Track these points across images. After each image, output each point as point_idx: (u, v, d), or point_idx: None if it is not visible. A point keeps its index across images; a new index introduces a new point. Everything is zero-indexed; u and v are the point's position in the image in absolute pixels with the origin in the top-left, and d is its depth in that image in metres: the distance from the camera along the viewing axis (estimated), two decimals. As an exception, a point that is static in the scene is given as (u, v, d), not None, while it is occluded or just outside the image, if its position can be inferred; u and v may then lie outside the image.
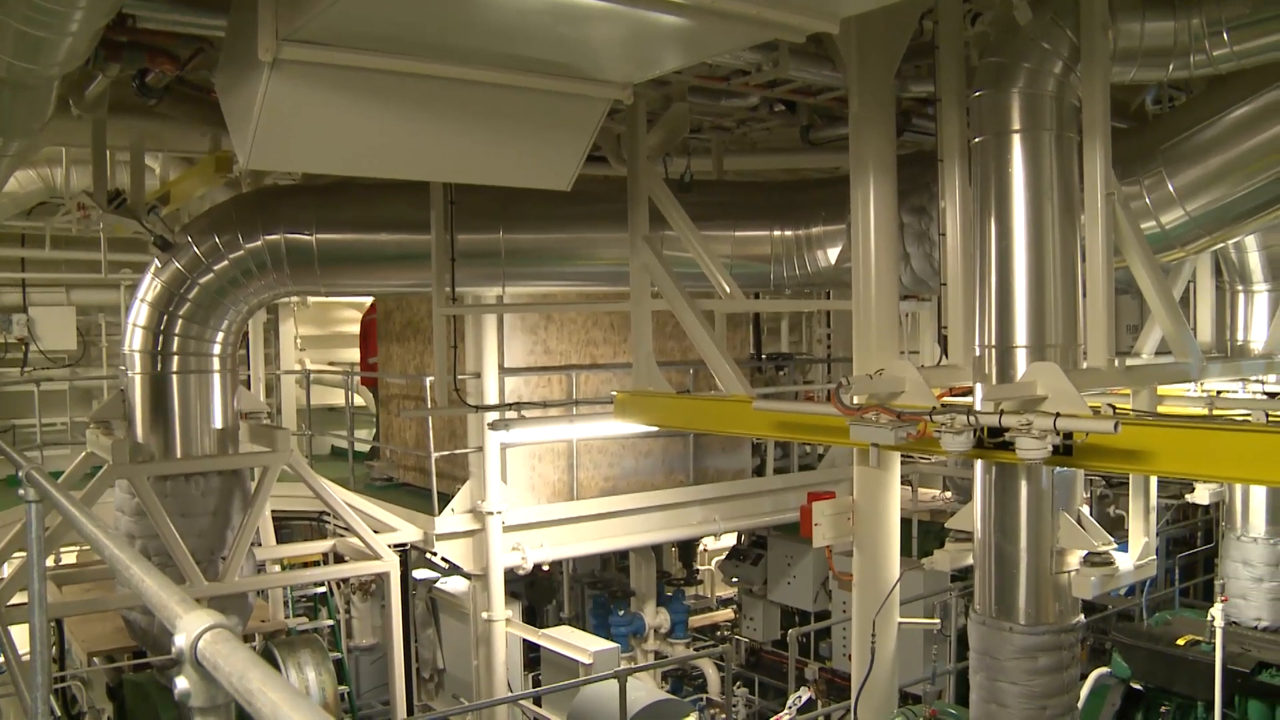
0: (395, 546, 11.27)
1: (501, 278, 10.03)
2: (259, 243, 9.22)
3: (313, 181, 10.60)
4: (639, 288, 9.12)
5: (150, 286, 9.28)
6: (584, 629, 13.95)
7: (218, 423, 9.53)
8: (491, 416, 10.87)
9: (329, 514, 12.08)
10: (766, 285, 10.21)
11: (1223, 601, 8.47)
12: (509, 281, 10.23)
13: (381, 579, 11.19)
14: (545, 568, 14.54)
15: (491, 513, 12.02)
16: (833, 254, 9.62)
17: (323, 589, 13.15)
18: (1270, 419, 8.07)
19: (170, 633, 2.11)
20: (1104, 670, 9.82)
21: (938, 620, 11.15)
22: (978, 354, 6.81)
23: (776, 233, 9.88)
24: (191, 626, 2.04)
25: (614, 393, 9.50)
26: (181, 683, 2.09)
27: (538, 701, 12.14)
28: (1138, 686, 9.54)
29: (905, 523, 13.29)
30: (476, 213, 9.55)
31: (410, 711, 11.53)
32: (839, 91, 9.17)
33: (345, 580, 13.95)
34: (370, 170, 6.93)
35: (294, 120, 5.53)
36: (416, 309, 13.61)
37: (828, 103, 9.80)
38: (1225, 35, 6.46)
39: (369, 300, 16.71)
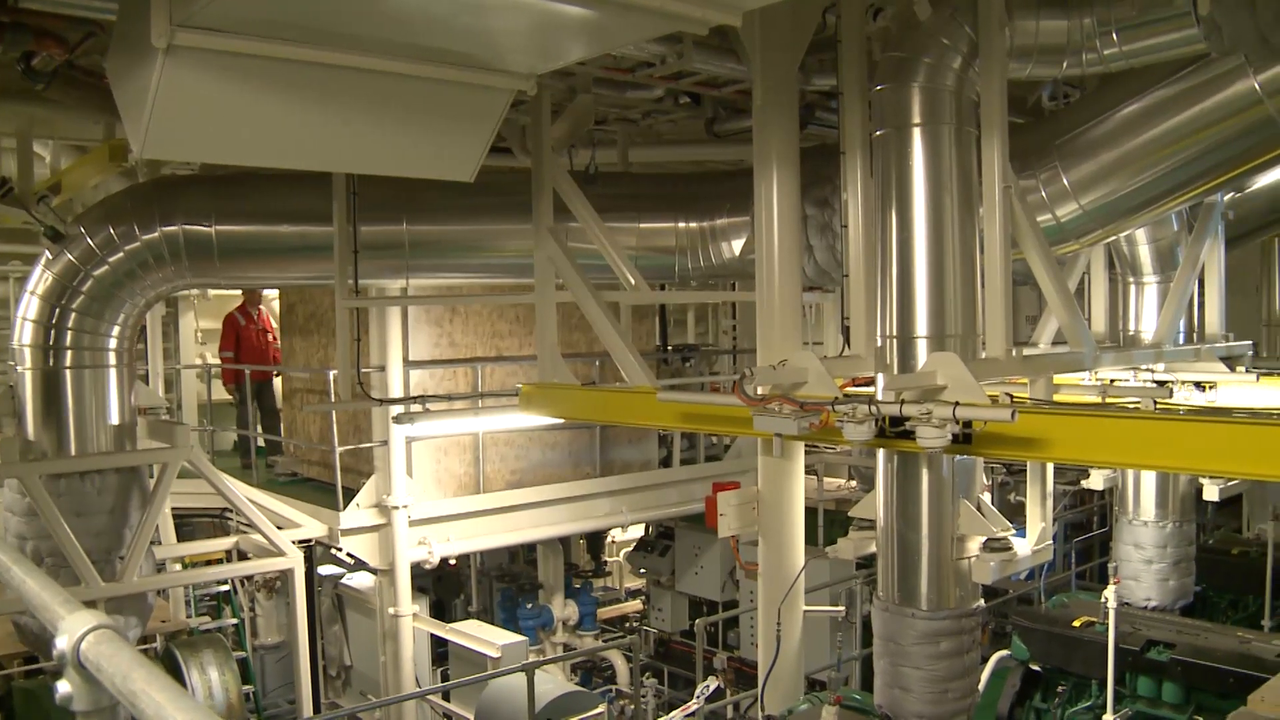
0: (300, 543, 11.10)
1: (405, 270, 9.94)
2: (156, 234, 9.01)
3: (212, 171, 10.38)
4: (543, 280, 9.10)
5: (41, 279, 9.00)
6: (492, 622, 13.90)
7: (114, 419, 9.29)
8: (396, 410, 10.77)
9: (231, 511, 11.86)
10: (671, 277, 10.26)
11: (1115, 583, 8.69)
12: (413, 274, 10.14)
13: (286, 576, 11.02)
14: (452, 562, 14.46)
15: (397, 507, 11.91)
16: (737, 246, 9.69)
17: (226, 587, 12.92)
18: (1159, 406, 8.30)
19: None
20: (1004, 653, 10.01)
21: (843, 608, 11.31)
22: (879, 344, 6.91)
23: (681, 224, 9.92)
24: (74, 628, 1.98)
25: (519, 385, 9.47)
26: (63, 686, 2.03)
27: (446, 696, 12.07)
28: (1036, 668, 9.75)
29: (811, 512, 13.48)
30: (379, 204, 9.45)
31: (317, 710, 11.38)
32: (743, 84, 9.23)
33: (249, 578, 13.72)
34: (270, 160, 6.81)
35: (190, 109, 5.40)
36: (320, 302, 13.41)
37: (732, 95, 9.87)
38: (1115, 35, 6.61)
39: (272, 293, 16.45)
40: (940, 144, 6.69)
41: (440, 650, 13.30)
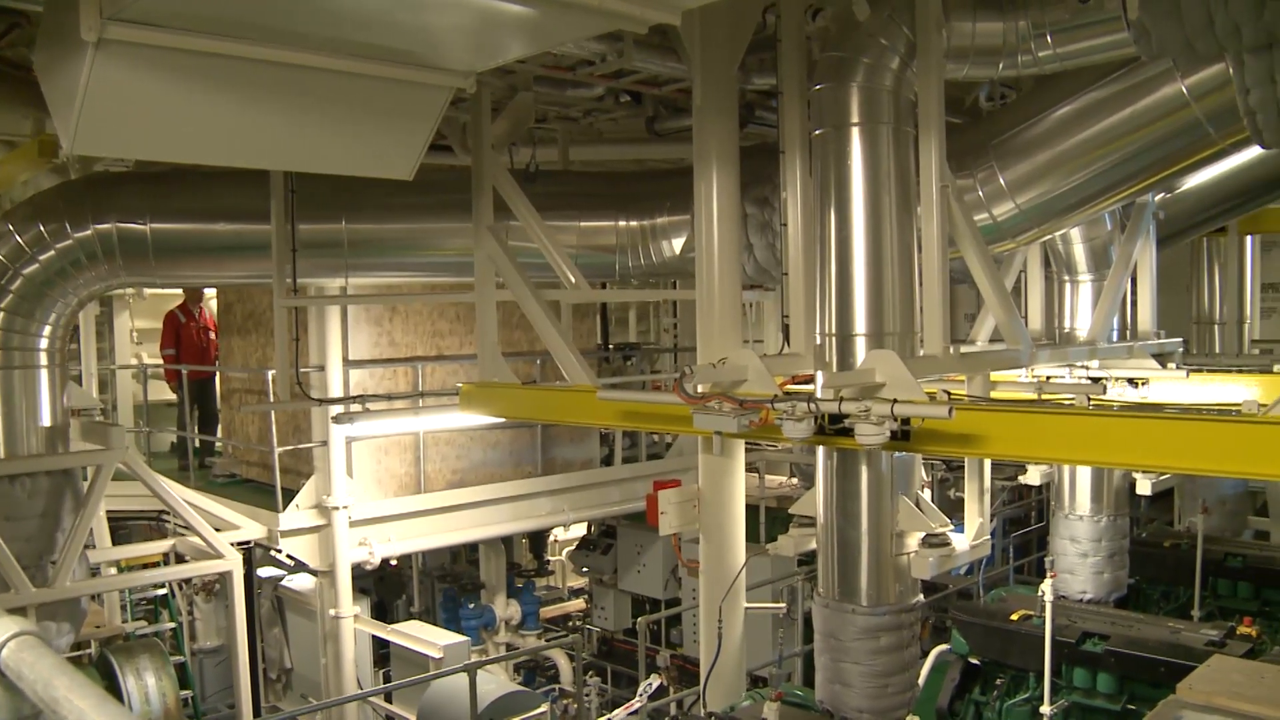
0: (238, 545, 10.98)
1: (345, 269, 9.84)
2: (89, 232, 8.85)
3: (147, 168, 10.22)
4: (483, 278, 9.06)
5: (-33, 278, 8.82)
6: (434, 623, 13.81)
7: (45, 420, 9.10)
8: (336, 410, 10.68)
9: (168, 513, 11.69)
10: (612, 275, 10.25)
11: (1052, 577, 8.81)
12: (352, 272, 10.04)
13: (224, 578, 10.88)
14: (394, 562, 14.36)
15: (337, 507, 11.80)
16: (677, 244, 9.71)
17: (163, 591, 12.72)
18: (1093, 403, 8.43)
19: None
20: (944, 647, 10.13)
21: (784, 604, 11.36)
22: (818, 342, 6.96)
23: (622, 223, 9.92)
24: (-5, 634, 1.94)
25: (460, 385, 9.42)
26: (-17, 695, 1.98)
27: (388, 698, 11.98)
28: (975, 661, 9.87)
29: (753, 509, 13.52)
30: (318, 202, 9.35)
31: (257, 713, 11.26)
32: (684, 83, 9.25)
33: (187, 581, 13.53)
34: (205, 158, 6.70)
35: (122, 104, 5.31)
36: (258, 301, 13.26)
37: (673, 94, 9.89)
38: (1049, 38, 6.71)
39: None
40: (878, 143, 6.76)
41: (382, 651, 13.20)
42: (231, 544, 10.72)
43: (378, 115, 6.29)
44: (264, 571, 13.48)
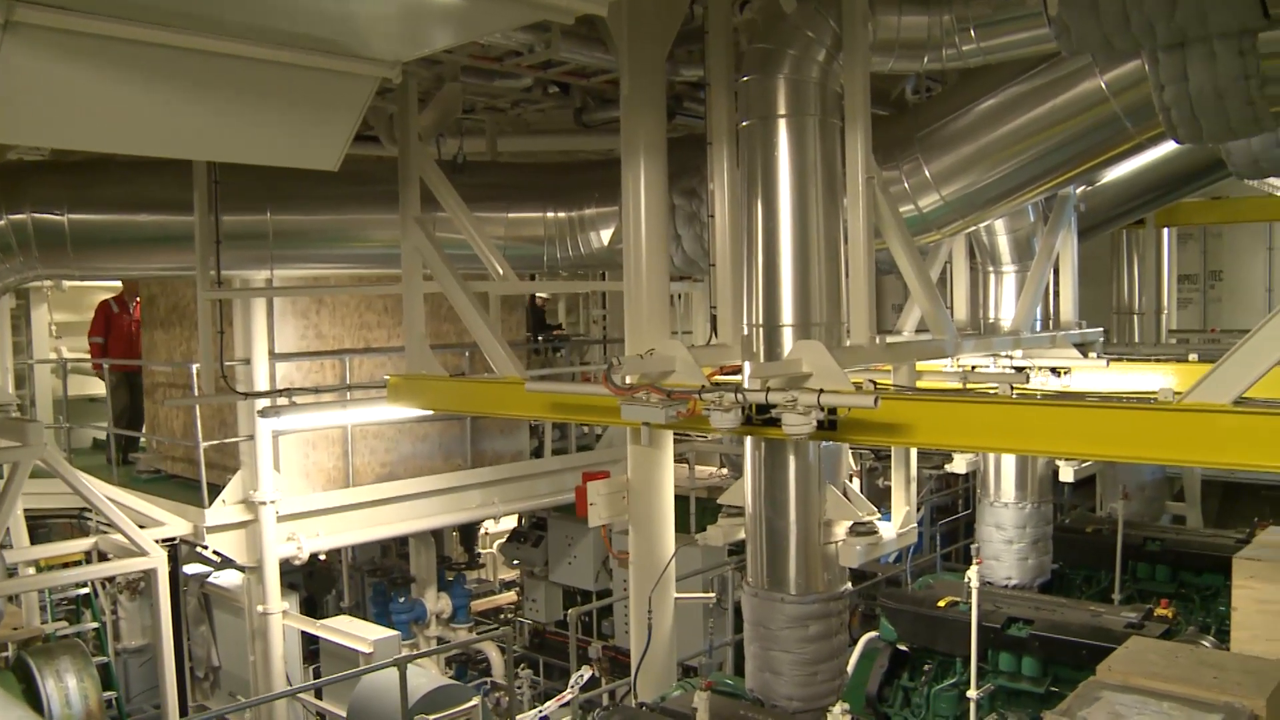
0: (163, 541, 10.79)
1: (270, 260, 9.73)
2: (2, 223, 8.65)
3: (65, 157, 9.99)
4: (410, 270, 8.99)
5: (-125, 270, 8.58)
6: (365, 618, 13.69)
7: (-42, 417, 8.90)
8: (262, 403, 10.53)
9: (90, 510, 11.46)
10: (540, 267, 10.23)
11: (978, 564, 8.92)
12: (278, 264, 9.92)
13: (149, 576, 10.70)
14: (323, 557, 14.20)
15: (264, 502, 11.64)
16: (605, 235, 9.72)
17: (86, 590, 12.47)
18: (1016, 392, 8.55)
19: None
20: (873, 634, 10.23)
21: (714, 594, 11.42)
22: (746, 333, 6.99)
23: (550, 214, 9.90)
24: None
25: (387, 377, 9.35)
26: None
27: (318, 694, 11.85)
28: (904, 648, 9.99)
29: (683, 500, 13.57)
30: (243, 193, 9.22)
31: (184, 713, 11.07)
32: (612, 74, 9.25)
33: (110, 580, 13.28)
34: (123, 146, 6.58)
35: (34, 91, 5.17)
36: (182, 294, 13.02)
37: (601, 85, 9.87)
38: (972, 32, 6.79)
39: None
40: (805, 135, 6.80)
41: (312, 648, 13.04)
42: (156, 541, 10.53)
43: (302, 105, 6.20)
44: (190, 568, 13.26)
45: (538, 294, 16.77)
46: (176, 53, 5.30)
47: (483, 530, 17.73)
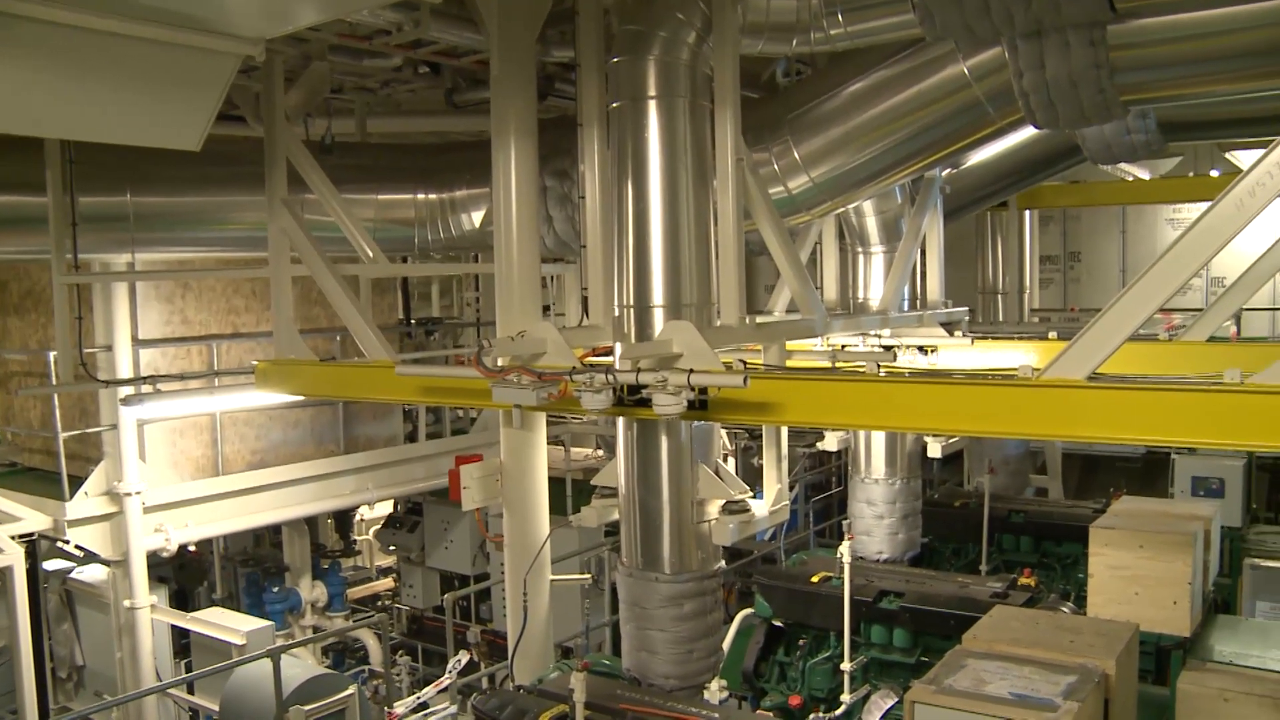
0: (20, 537, 10.39)
1: (131, 243, 9.42)
2: None
3: (-96, 135, 9.55)
4: (278, 253, 8.82)
5: None
6: (238, 609, 13.41)
7: None
8: (125, 391, 10.22)
9: (-62, 507, 11.00)
10: (412, 249, 10.11)
11: (849, 539, 9.12)
12: (140, 247, 9.61)
13: (4, 574, 10.30)
14: (192, 548, 13.87)
15: (130, 494, 11.29)
16: (477, 217, 9.65)
17: (-68, 591, 11.96)
18: (884, 370, 8.72)
19: None
20: (749, 611, 10.37)
21: (589, 575, 11.45)
22: (617, 314, 7.01)
23: (420, 196, 9.79)
24: None
25: (255, 362, 9.16)
26: None
27: (190, 689, 11.55)
28: (779, 624, 10.15)
29: (559, 482, 13.55)
30: (101, 174, 8.92)
31: (44, 715, 10.70)
32: (483, 54, 9.15)
33: (-39, 579, 12.75)
34: (-32, 124, 6.29)
35: None
36: (37, 278, 12.53)
37: (472, 65, 9.78)
38: (840, 15, 6.89)
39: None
40: (675, 117, 6.82)
41: (183, 642, 12.71)
42: (12, 537, 10.15)
43: (161, 82, 6.00)
44: (50, 564, 12.81)
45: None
46: (27, 24, 5.09)
47: (358, 517, 17.52)
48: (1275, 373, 4.96)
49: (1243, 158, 14.25)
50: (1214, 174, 15.50)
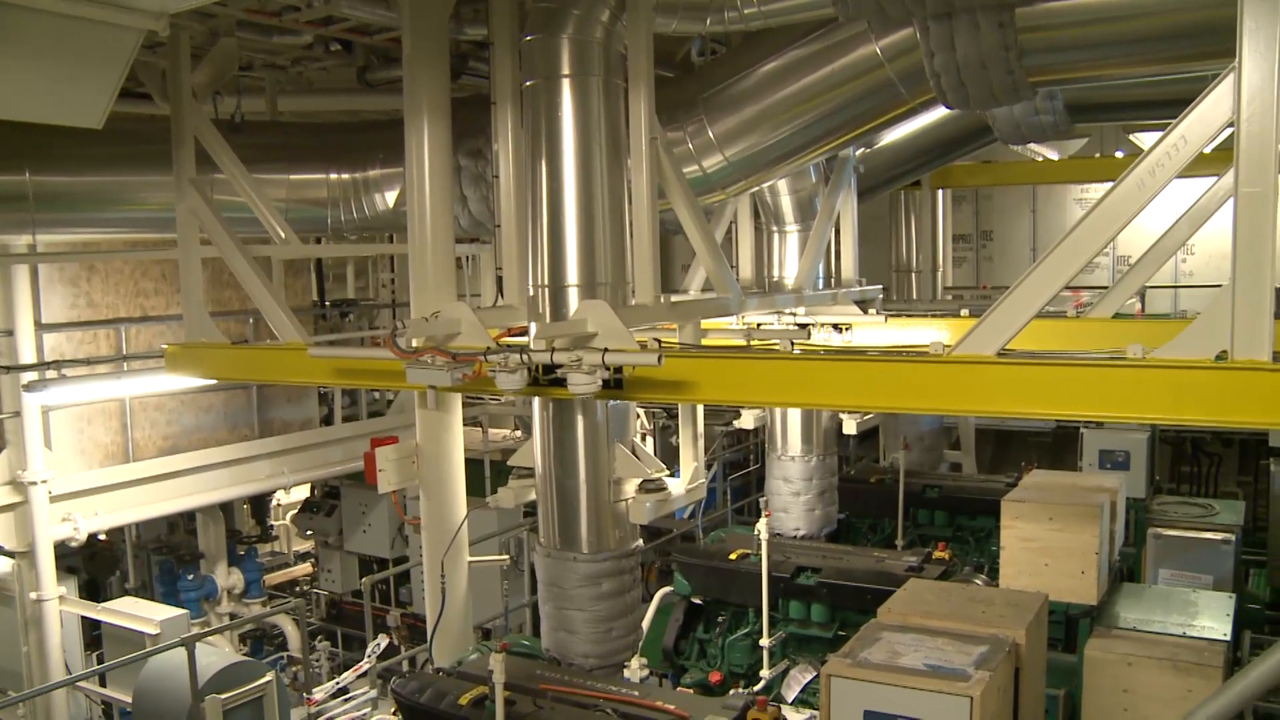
0: (-83, 530, 10.12)
1: (32, 225, 9.14)
2: None
3: None
4: (186, 234, 8.66)
5: None
6: (152, 598, 13.17)
7: None
8: (28, 377, 9.97)
9: None
10: (325, 230, 9.97)
11: (767, 516, 9.21)
12: (41, 229, 9.33)
13: (-102, 571, 10.02)
14: (103, 537, 13.58)
15: (35, 482, 11.02)
16: (391, 197, 9.54)
17: None
18: (799, 348, 8.80)
19: None
20: (668, 589, 10.43)
21: (507, 556, 11.43)
22: (532, 294, 6.98)
23: (333, 176, 9.65)
24: None
25: (164, 346, 8.99)
26: None
27: (101, 681, 11.33)
28: (698, 601, 10.22)
29: (477, 463, 13.51)
30: (-2, 151, 8.66)
31: (-58, 717, 10.44)
32: (396, 32, 9.03)
33: None
34: None
35: None
36: (-68, 262, 12.19)
37: (384, 43, 9.67)
38: (753, -6, 6.91)
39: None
40: (589, 95, 6.79)
41: (95, 634, 12.46)
42: (-91, 530, 9.87)
43: (60, 57, 5.84)
44: (-49, 557, 12.48)
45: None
46: (-83, -2, 4.93)
47: (275, 502, 17.30)
48: (1175, 348, 5.09)
49: (1145, 140, 14.60)
50: (1119, 155, 15.83)
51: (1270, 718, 7.47)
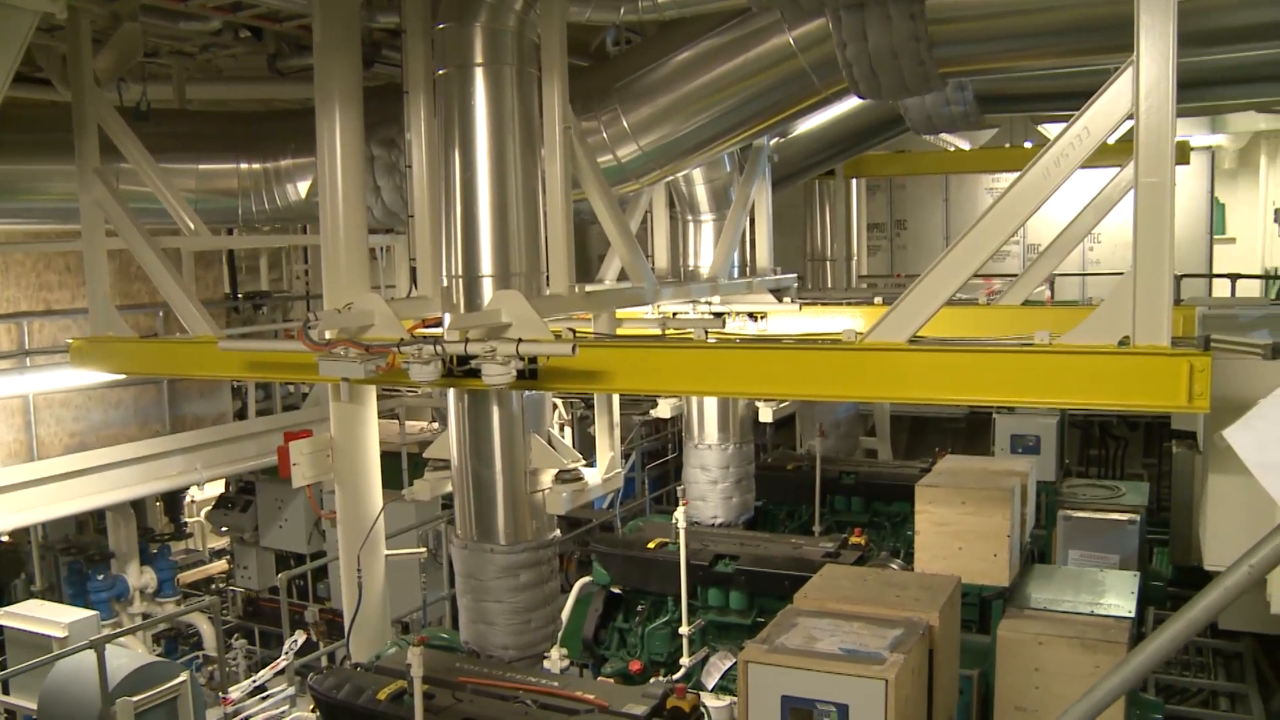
0: None
1: (-76, 215, 8.92)
2: None
3: None
4: (91, 225, 8.47)
5: None
6: (61, 600, 12.87)
7: None
8: (-75, 374, 9.68)
9: None
10: (236, 220, 9.81)
11: (684, 504, 9.23)
12: (-65, 220, 9.11)
13: None
14: (6, 538, 13.25)
15: (-67, 482, 10.74)
16: (303, 187, 9.41)
17: None
18: (714, 336, 8.85)
19: None
20: (587, 579, 10.42)
21: (425, 549, 11.36)
22: (446, 284, 6.94)
23: (244, 165, 9.50)
24: None
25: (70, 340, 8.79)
26: None
27: (4, 689, 11.05)
28: (618, 590, 10.23)
29: (394, 456, 13.39)
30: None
31: None
32: (307, 19, 8.91)
33: None
34: None
35: None
36: None
37: (295, 30, 9.52)
38: (666, -17, 6.93)
39: None
40: (502, 84, 6.77)
41: (-1, 639, 12.16)
42: None
43: (-52, 39, 5.70)
44: None
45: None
46: None
47: (188, 498, 16.98)
48: (1080, 334, 5.21)
49: (1053, 130, 14.85)
50: (1027, 145, 16.14)
51: (1167, 688, 7.71)
